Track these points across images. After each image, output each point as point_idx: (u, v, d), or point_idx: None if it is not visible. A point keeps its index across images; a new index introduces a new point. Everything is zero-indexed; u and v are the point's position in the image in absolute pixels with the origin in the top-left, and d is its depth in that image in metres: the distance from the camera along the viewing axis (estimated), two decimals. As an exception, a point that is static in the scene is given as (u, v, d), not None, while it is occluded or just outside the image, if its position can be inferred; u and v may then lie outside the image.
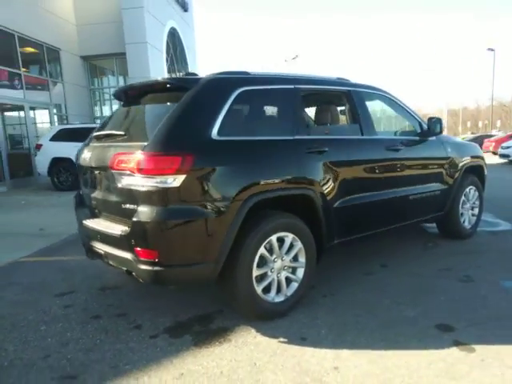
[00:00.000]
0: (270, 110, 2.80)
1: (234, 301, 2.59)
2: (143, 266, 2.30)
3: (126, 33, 13.32)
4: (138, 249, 2.29)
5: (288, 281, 2.76)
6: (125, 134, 2.59)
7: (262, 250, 2.55)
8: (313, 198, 2.76)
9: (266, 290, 2.65)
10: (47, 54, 12.91)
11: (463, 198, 4.26)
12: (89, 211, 2.90)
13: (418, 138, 3.78)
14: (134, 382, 2.08)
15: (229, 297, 2.62)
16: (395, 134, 3.80)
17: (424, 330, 2.48)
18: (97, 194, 2.71)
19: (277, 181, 2.58)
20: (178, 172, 2.22)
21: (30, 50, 12.21)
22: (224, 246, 2.35)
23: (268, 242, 2.58)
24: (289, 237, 2.68)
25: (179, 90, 2.52)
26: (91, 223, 2.71)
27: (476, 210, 4.51)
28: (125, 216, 2.38)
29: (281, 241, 2.68)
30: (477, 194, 4.46)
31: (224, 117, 2.46)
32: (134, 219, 2.27)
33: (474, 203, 4.47)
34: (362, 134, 3.24)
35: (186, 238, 2.29)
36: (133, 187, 2.30)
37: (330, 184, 2.90)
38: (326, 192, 2.86)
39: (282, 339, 2.45)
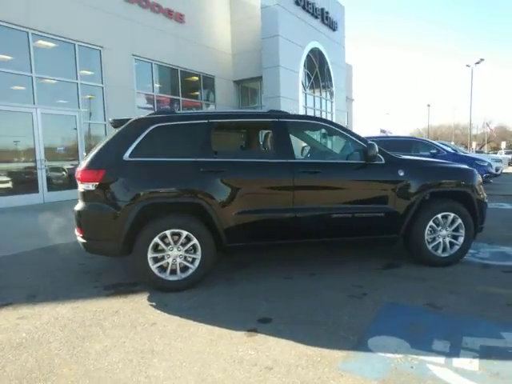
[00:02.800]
0: (180, 139, 3.77)
1: (137, 273, 3.71)
2: (79, 239, 3.69)
3: (263, 59, 15.29)
4: (77, 227, 3.70)
5: (185, 267, 3.69)
6: (86, 155, 4.05)
7: (156, 240, 3.58)
8: (203, 206, 3.62)
9: (163, 269, 3.66)
10: (203, 81, 16.01)
11: (431, 223, 4.14)
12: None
13: (360, 162, 4.02)
14: (53, 303, 3.47)
15: (135, 270, 3.76)
16: (338, 158, 4.14)
17: (246, 319, 3.07)
18: None
19: (165, 191, 3.59)
20: (93, 181, 3.52)
21: (188, 79, 15.43)
22: (121, 232, 3.52)
23: (162, 235, 3.60)
24: (183, 233, 3.63)
25: (117, 127, 3.82)
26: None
27: (460, 239, 4.24)
28: (78, 207, 3.83)
29: (178, 235, 3.65)
30: (459, 221, 4.20)
31: (137, 144, 3.63)
32: (74, 208, 3.69)
33: (457, 231, 4.23)
34: (277, 158, 3.84)
35: (96, 223, 3.58)
36: (79, 189, 3.73)
37: (226, 197, 3.69)
38: (220, 203, 3.67)
39: (153, 303, 3.45)
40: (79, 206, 3.65)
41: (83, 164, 3.64)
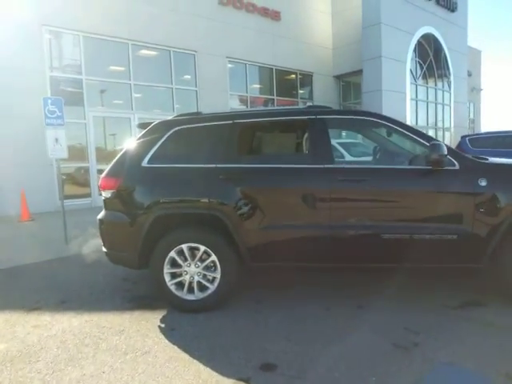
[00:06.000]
0: (200, 143, 3.36)
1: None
2: (103, 248, 3.57)
3: (363, 50, 14.07)
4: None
5: (202, 285, 3.29)
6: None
7: (172, 254, 3.25)
8: (221, 218, 3.16)
9: (181, 286, 3.31)
10: (300, 79, 15.46)
11: (532, 251, 3.00)
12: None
13: (423, 167, 3.09)
14: (73, 313, 3.39)
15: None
16: (395, 162, 3.27)
17: (246, 362, 2.53)
18: None
19: (177, 199, 3.23)
20: (111, 188, 3.35)
21: (284, 77, 15.05)
22: (136, 243, 3.26)
23: (178, 249, 3.24)
24: (201, 249, 3.23)
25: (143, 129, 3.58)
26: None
27: None
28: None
29: (197, 249, 3.26)
30: None
31: (156, 150, 3.35)
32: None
33: None
34: (311, 163, 3.17)
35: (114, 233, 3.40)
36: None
37: (249, 209, 3.16)
38: (242, 215, 3.16)
39: (163, 324, 3.12)
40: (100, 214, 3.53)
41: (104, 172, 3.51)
